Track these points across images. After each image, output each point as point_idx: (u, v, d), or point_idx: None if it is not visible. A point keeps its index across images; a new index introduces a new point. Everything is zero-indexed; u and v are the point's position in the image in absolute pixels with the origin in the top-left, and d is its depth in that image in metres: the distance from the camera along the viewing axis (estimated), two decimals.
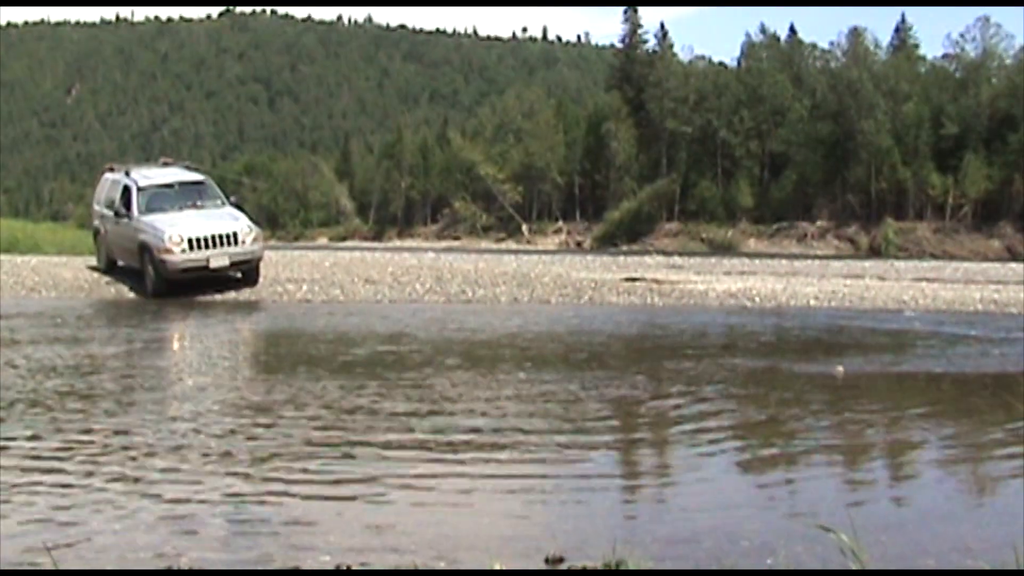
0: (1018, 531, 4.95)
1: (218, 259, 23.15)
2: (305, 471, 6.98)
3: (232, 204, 25.76)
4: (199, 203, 24.69)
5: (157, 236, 22.80)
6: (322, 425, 8.65)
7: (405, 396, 10.26)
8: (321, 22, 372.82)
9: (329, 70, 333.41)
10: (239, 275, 23.90)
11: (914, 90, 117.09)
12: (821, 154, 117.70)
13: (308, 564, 4.83)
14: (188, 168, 28.00)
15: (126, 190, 24.38)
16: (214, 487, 6.59)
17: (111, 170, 26.86)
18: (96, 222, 26.94)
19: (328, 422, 8.79)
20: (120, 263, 25.20)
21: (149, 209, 23.79)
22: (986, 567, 3.77)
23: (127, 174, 25.28)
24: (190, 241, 22.76)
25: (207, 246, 22.95)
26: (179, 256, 22.69)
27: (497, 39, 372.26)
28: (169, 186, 25.12)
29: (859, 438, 7.95)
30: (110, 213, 24.92)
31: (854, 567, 3.67)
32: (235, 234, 23.47)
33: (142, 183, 24.58)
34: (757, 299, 24.46)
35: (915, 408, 9.50)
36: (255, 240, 23.96)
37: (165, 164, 27.31)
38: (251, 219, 25.07)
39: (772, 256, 61.23)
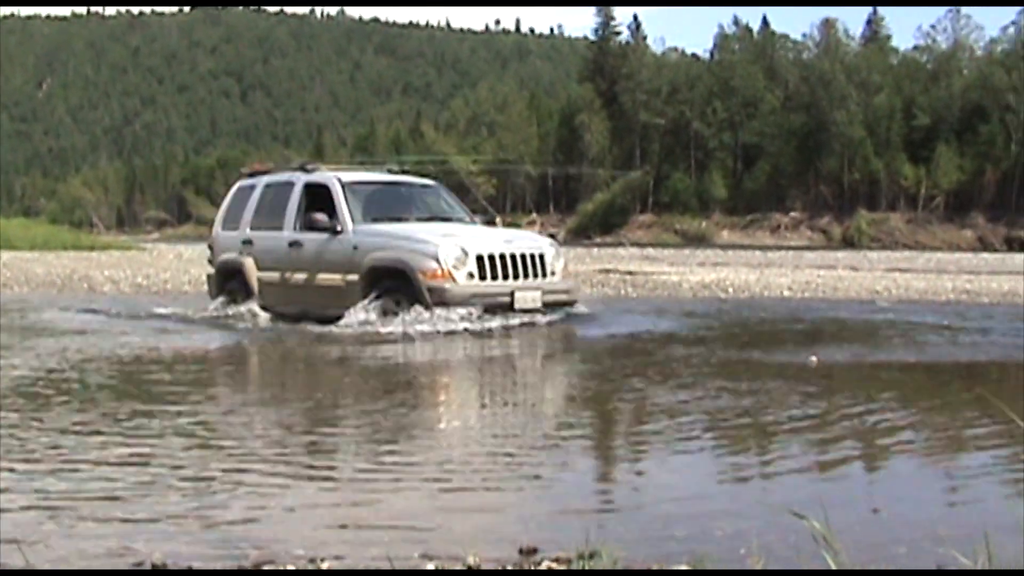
0: (988, 519, 4.97)
1: (526, 294, 15.41)
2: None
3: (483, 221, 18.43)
4: (444, 216, 17.57)
5: (419, 251, 15.24)
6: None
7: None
8: (293, 16, 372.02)
9: (301, 64, 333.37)
10: (545, 321, 15.43)
11: (886, 81, 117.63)
12: (794, 145, 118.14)
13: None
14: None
15: (316, 192, 17.04)
16: None
17: (254, 173, 18.99)
18: (231, 255, 18.12)
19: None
20: (284, 308, 17.03)
21: (371, 218, 16.50)
22: (957, 553, 3.77)
23: (304, 169, 18.09)
24: (480, 260, 15.30)
25: (508, 273, 15.49)
26: (464, 284, 15.10)
27: (470, 32, 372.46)
28: (394, 186, 18.11)
29: (832, 427, 7.95)
30: (270, 234, 17.42)
31: (827, 555, 3.67)
32: (541, 257, 15.97)
33: (346, 179, 17.10)
34: (731, 290, 24.62)
35: (888, 397, 9.52)
36: (565, 271, 16.85)
37: (306, 169, 18.23)
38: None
39: (746, 247, 61.56)
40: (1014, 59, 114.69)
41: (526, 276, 15.52)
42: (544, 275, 15.78)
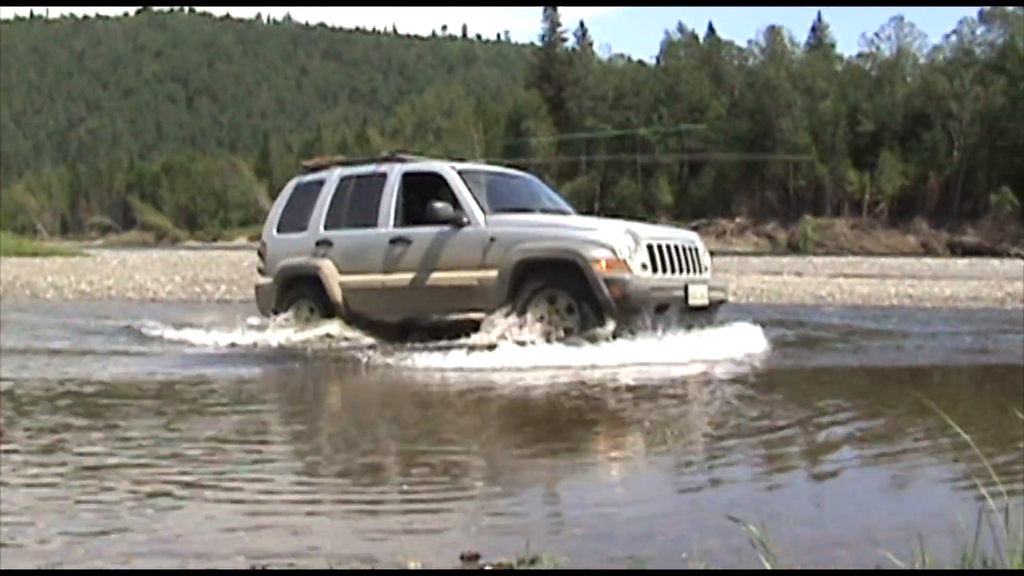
0: (924, 520, 5.05)
1: (697, 288, 13.75)
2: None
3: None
4: (559, 208, 15.83)
5: (588, 239, 13.30)
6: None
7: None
8: (239, 20, 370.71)
9: (247, 68, 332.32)
10: (691, 326, 13.48)
11: (831, 88, 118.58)
12: (740, 151, 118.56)
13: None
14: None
15: (420, 182, 15.15)
16: None
17: (316, 168, 16.62)
18: (297, 259, 15.60)
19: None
20: (382, 315, 14.84)
21: (495, 208, 14.43)
22: (890, 555, 3.83)
23: (396, 159, 15.81)
24: (651, 250, 13.45)
25: (675, 265, 13.74)
26: (644, 277, 13.19)
27: (417, 37, 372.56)
28: (503, 176, 16.28)
29: (773, 432, 8.01)
30: (358, 232, 15.12)
31: (763, 558, 3.71)
32: (696, 250, 14.39)
33: (459, 167, 15.29)
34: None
35: (830, 402, 9.60)
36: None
37: (399, 158, 15.94)
38: None
39: None
40: (956, 67, 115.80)
41: (690, 270, 13.88)
42: (701, 270, 14.22)
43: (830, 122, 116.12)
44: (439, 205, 14.14)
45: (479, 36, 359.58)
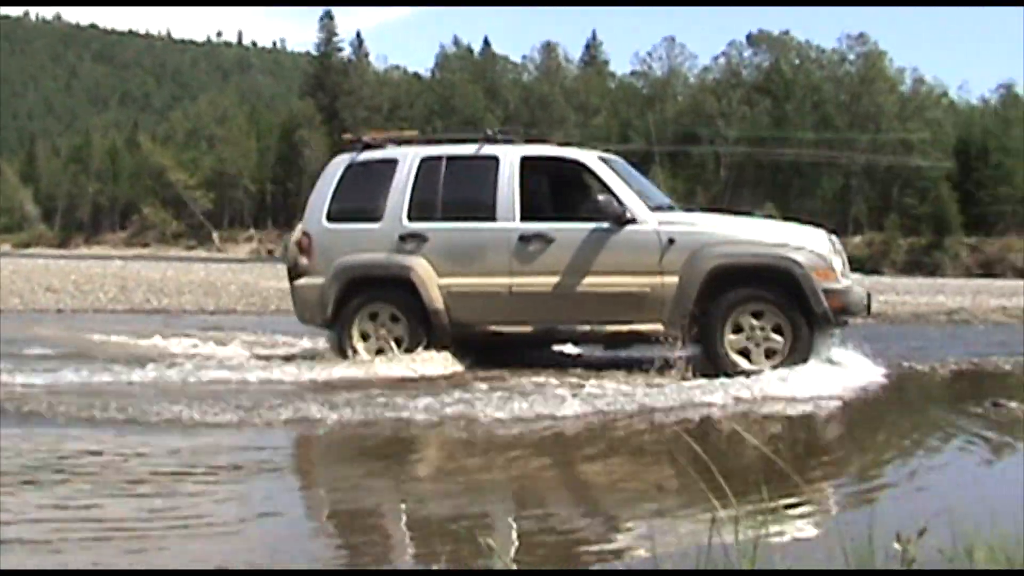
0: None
1: (860, 291, 12.44)
2: None
3: None
4: (680, 204, 14.80)
5: (798, 245, 12.02)
6: None
7: None
8: (6, 18, 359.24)
9: (14, 68, 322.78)
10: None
11: (603, 104, 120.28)
12: None
13: None
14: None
15: (547, 169, 13.51)
16: None
17: (372, 145, 13.74)
18: (373, 256, 13.00)
19: None
20: (505, 327, 12.68)
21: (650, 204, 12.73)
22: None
23: (504, 140, 13.39)
24: (840, 255, 12.35)
25: (847, 270, 12.61)
26: (851, 286, 12.24)
27: (191, 42, 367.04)
28: (626, 165, 13.84)
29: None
30: (466, 225, 12.83)
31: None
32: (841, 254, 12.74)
33: (598, 154, 13.26)
34: None
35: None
36: None
37: (504, 138, 13.49)
38: None
39: None
40: (724, 87, 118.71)
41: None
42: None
43: (602, 138, 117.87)
44: (603, 199, 12.27)
45: (255, 43, 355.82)
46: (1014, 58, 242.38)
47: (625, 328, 12.18)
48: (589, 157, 12.88)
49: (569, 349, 14.10)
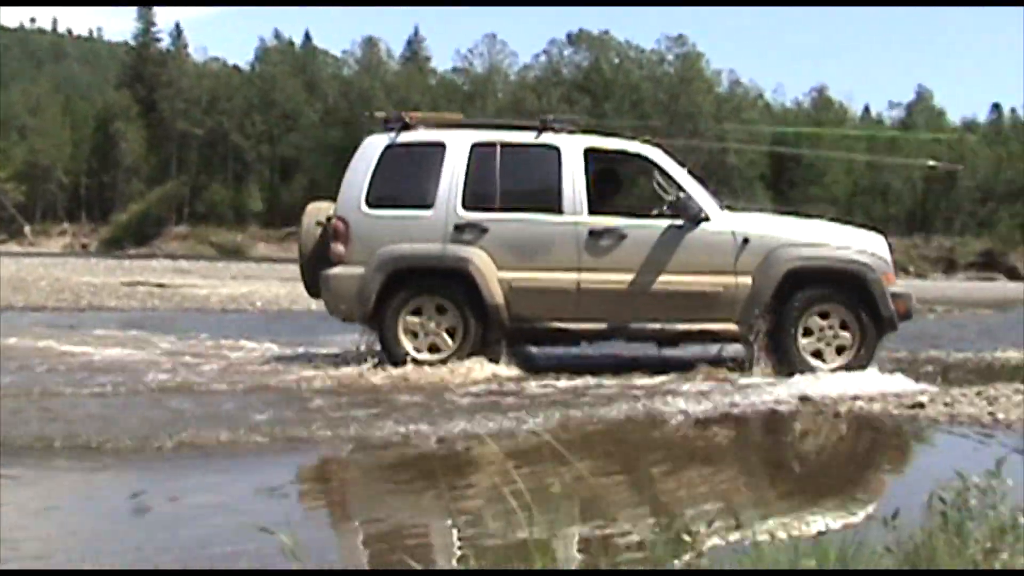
0: None
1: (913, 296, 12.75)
2: None
3: None
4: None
5: (868, 250, 12.26)
6: None
7: None
8: None
9: None
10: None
11: (424, 100, 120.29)
12: (332, 160, 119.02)
13: None
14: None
15: (614, 162, 13.14)
16: None
17: (408, 126, 12.78)
18: (425, 246, 12.26)
19: None
20: (571, 324, 12.26)
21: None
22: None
23: (564, 129, 12.64)
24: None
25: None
26: (905, 290, 12.53)
27: (3, 28, 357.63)
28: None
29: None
30: (530, 216, 12.29)
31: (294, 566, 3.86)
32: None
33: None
34: (259, 303, 24.72)
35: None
36: None
37: (551, 126, 12.63)
38: None
39: (281, 260, 61.64)
40: (544, 85, 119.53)
41: None
42: None
43: None
44: (683, 196, 12.04)
45: (70, 31, 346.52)
46: (826, 61, 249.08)
47: (696, 327, 12.11)
48: (655, 152, 12.57)
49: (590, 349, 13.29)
